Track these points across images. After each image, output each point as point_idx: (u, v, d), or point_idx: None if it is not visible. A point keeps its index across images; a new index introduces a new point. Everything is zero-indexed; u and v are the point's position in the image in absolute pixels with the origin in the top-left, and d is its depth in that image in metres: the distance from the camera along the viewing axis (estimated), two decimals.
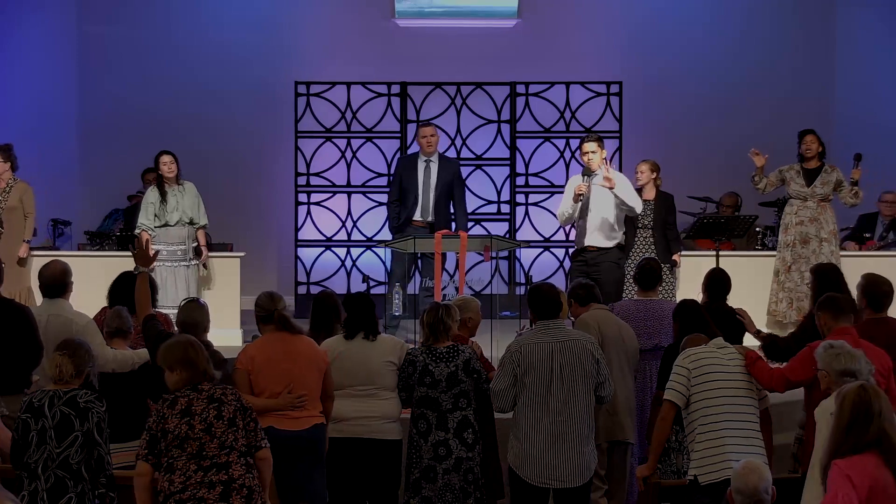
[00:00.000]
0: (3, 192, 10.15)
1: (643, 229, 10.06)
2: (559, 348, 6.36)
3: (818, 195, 10.11)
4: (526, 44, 13.45)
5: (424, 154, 10.45)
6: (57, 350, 5.77)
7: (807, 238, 10.11)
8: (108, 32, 13.38)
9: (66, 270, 7.27)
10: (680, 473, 6.70)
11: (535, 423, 6.32)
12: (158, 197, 10.22)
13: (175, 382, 5.48)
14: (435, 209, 10.35)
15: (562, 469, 6.30)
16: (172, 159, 10.26)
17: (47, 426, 5.55)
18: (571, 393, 6.33)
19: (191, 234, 10.30)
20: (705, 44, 13.49)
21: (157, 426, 5.39)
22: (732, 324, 7.33)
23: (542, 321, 6.48)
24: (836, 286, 7.29)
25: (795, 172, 10.20)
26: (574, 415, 6.32)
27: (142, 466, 5.38)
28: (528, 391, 6.33)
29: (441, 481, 6.52)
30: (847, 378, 5.53)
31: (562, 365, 6.33)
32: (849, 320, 6.42)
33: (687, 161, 13.02)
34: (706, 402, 6.17)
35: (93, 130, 13.37)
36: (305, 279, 12.78)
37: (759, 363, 6.29)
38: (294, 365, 6.41)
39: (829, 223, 10.14)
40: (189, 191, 10.34)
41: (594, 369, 6.39)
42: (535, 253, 12.75)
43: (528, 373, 6.33)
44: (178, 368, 5.47)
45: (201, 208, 10.39)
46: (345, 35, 13.44)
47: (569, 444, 6.30)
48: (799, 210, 10.16)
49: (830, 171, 10.16)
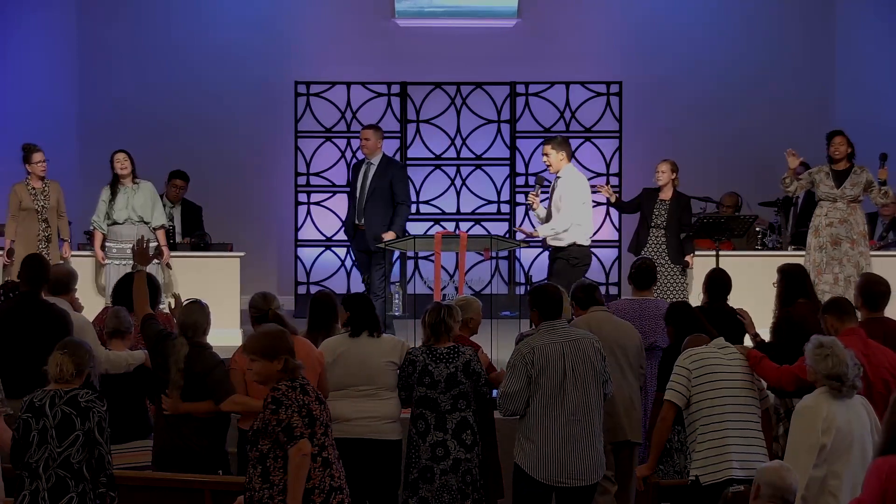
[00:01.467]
0: (43, 192, 10.15)
1: (656, 229, 10.06)
2: (569, 348, 6.38)
3: (848, 196, 10.04)
4: (526, 44, 13.45)
5: (365, 157, 10.53)
6: (57, 349, 5.76)
7: (838, 239, 10.02)
8: (108, 32, 13.38)
9: (73, 273, 7.31)
10: (683, 474, 6.70)
11: (550, 424, 6.32)
12: (110, 195, 10.19)
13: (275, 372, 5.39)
14: (365, 212, 10.35)
15: (578, 467, 6.31)
16: (126, 157, 10.22)
17: (48, 426, 5.55)
18: (584, 391, 6.34)
19: (143, 232, 9.98)
20: (705, 44, 13.49)
21: (303, 410, 5.31)
22: (733, 324, 7.33)
23: (547, 322, 6.48)
24: (801, 287, 7.32)
25: (825, 174, 10.12)
26: (588, 413, 6.34)
27: (308, 445, 5.30)
28: (542, 392, 6.32)
29: (438, 482, 6.51)
30: (832, 381, 5.55)
31: (573, 364, 6.35)
32: (854, 321, 6.45)
33: (687, 161, 12.92)
34: (708, 403, 6.18)
35: (93, 130, 13.36)
36: (305, 279, 12.79)
37: (764, 362, 6.29)
38: None
39: (859, 224, 10.07)
40: (144, 190, 10.24)
41: (602, 367, 6.43)
42: (535, 253, 12.74)
43: (543, 373, 6.32)
44: (282, 357, 5.39)
45: (157, 209, 10.27)
46: (345, 35, 13.44)
47: (584, 443, 6.32)
48: (829, 212, 10.07)
49: (860, 172, 10.09)
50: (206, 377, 6.38)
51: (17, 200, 10.05)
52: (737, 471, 6.05)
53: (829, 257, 10.00)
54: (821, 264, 10.03)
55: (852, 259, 9.85)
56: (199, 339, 6.51)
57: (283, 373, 5.37)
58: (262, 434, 5.33)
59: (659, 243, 10.04)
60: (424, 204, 12.89)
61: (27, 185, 10.14)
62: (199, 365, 6.40)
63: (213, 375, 6.40)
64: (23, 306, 7.04)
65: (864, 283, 6.97)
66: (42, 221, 10.11)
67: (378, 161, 10.43)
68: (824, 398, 5.57)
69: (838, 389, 5.55)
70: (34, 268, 7.18)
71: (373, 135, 10.51)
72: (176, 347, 6.42)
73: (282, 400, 5.29)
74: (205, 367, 6.41)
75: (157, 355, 6.53)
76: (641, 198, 10.37)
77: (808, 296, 7.36)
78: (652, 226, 10.05)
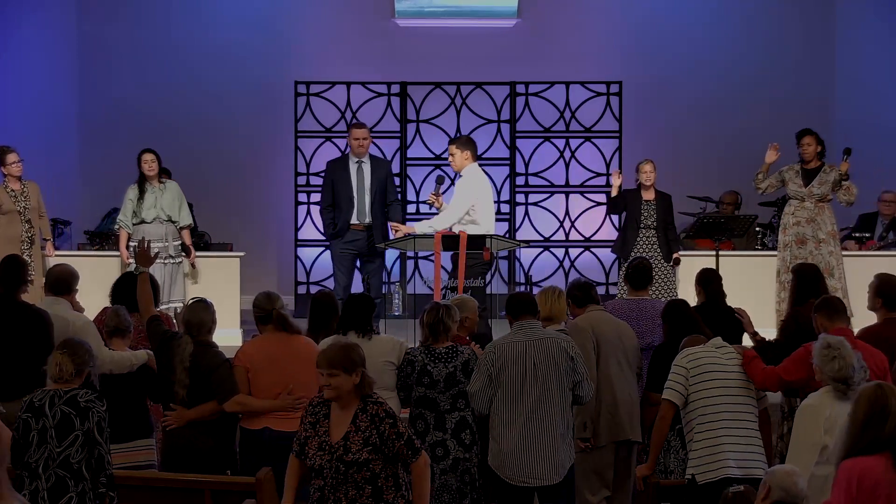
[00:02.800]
0: (22, 193, 10.15)
1: (646, 229, 10.07)
2: (533, 347, 6.41)
3: (815, 195, 10.07)
4: (526, 44, 13.45)
5: (355, 156, 10.24)
6: (57, 349, 5.77)
7: (803, 239, 10.06)
8: (108, 32, 13.38)
9: (74, 274, 7.31)
10: (668, 472, 6.71)
11: (510, 422, 6.37)
12: (137, 194, 10.23)
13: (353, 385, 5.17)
14: (371, 211, 10.28)
15: (537, 467, 6.34)
16: (154, 157, 10.27)
17: (48, 425, 5.55)
18: (545, 391, 6.36)
19: (170, 231, 10.25)
20: (705, 44, 13.49)
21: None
22: (731, 323, 7.34)
23: (517, 322, 6.54)
24: (814, 286, 7.31)
25: (794, 173, 10.17)
26: (548, 413, 6.36)
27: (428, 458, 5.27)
28: (503, 390, 6.38)
29: (438, 482, 6.52)
30: (838, 384, 5.55)
31: (536, 363, 6.37)
32: (844, 321, 6.44)
33: (687, 161, 13.03)
34: (704, 402, 6.19)
35: (93, 130, 13.37)
36: (305, 279, 12.79)
37: (754, 362, 6.30)
38: (292, 364, 6.42)
39: (828, 224, 10.09)
40: (170, 190, 10.33)
41: (569, 367, 6.41)
42: (534, 253, 12.75)
43: (502, 372, 6.38)
44: (359, 370, 5.19)
45: (184, 209, 10.36)
46: (345, 35, 13.44)
47: (543, 442, 6.34)
48: (796, 210, 10.12)
49: (829, 170, 10.12)
50: (210, 375, 6.39)
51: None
52: (733, 470, 6.06)
53: (792, 256, 10.01)
54: (787, 262, 10.06)
55: (817, 259, 9.82)
56: (204, 338, 6.51)
57: (360, 387, 5.18)
58: (377, 451, 5.11)
59: (650, 243, 10.06)
60: (424, 204, 12.89)
61: (6, 187, 10.12)
62: (203, 363, 6.40)
63: (218, 374, 6.40)
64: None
65: (880, 283, 6.90)
66: (24, 223, 10.10)
67: (368, 159, 10.32)
68: (828, 398, 5.57)
69: (843, 392, 5.55)
70: (10, 269, 7.16)
71: (369, 134, 10.48)
72: (181, 346, 6.42)
73: (394, 413, 5.18)
74: (209, 366, 6.41)
75: (163, 355, 6.53)
76: (626, 199, 10.36)
77: (820, 296, 7.34)
78: (642, 226, 10.05)
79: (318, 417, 5.24)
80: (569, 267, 12.87)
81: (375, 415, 5.13)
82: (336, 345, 5.31)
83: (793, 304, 7.44)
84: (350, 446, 5.12)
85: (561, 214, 12.94)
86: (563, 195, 12.95)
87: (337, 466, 5.13)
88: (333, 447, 5.14)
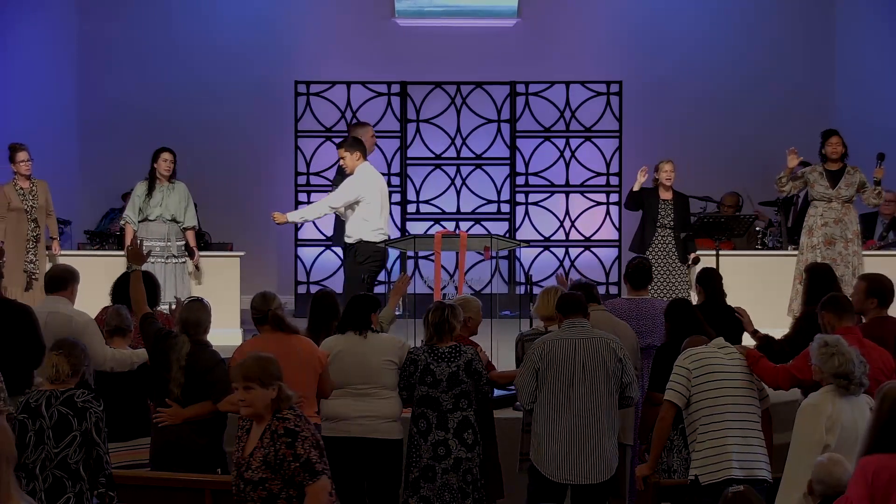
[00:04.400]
0: (31, 192, 10.15)
1: (662, 228, 10.03)
2: (583, 346, 6.43)
3: (843, 196, 10.03)
4: (526, 44, 13.45)
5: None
6: (53, 350, 5.75)
7: (832, 239, 10.01)
8: (108, 32, 13.38)
9: (74, 272, 7.30)
10: (671, 472, 6.71)
11: (556, 420, 6.38)
12: (145, 191, 10.21)
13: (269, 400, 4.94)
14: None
15: (582, 465, 6.36)
16: (173, 158, 10.24)
17: (45, 426, 5.53)
18: (593, 390, 6.38)
19: (173, 231, 10.18)
20: (705, 44, 13.49)
21: (317, 442, 4.90)
22: (731, 322, 7.33)
23: (567, 320, 6.55)
24: (829, 285, 7.31)
25: (819, 174, 10.10)
26: (595, 412, 6.38)
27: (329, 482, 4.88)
28: (550, 387, 6.40)
29: (440, 481, 6.52)
30: (839, 380, 5.54)
31: (584, 362, 6.40)
32: (852, 320, 6.43)
33: (687, 161, 12.94)
34: (707, 403, 6.18)
35: (93, 130, 13.37)
36: (305, 279, 12.78)
37: (762, 362, 6.29)
38: (288, 364, 6.39)
39: (853, 224, 10.07)
40: (178, 190, 10.28)
41: (618, 368, 6.44)
42: (535, 252, 12.75)
43: (550, 369, 6.39)
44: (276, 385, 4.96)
45: (190, 210, 10.30)
46: (345, 35, 13.44)
47: (590, 441, 6.36)
48: (824, 212, 10.05)
49: (853, 172, 10.08)
50: (206, 375, 6.38)
51: (5, 201, 10.04)
52: (736, 470, 6.05)
53: (821, 257, 9.98)
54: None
55: (846, 259, 9.84)
56: (201, 338, 6.51)
57: (276, 402, 4.93)
58: (273, 470, 4.83)
59: (667, 243, 10.02)
60: (424, 203, 12.90)
61: (15, 185, 10.12)
62: (200, 363, 6.40)
63: (214, 374, 6.39)
64: None
65: (870, 282, 6.90)
66: (31, 221, 10.10)
67: None
68: (830, 396, 5.55)
69: (845, 388, 5.54)
70: None
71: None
72: (178, 345, 6.41)
73: (296, 431, 4.84)
74: (205, 366, 6.40)
75: (158, 353, 6.52)
76: (644, 197, 10.33)
77: None
78: (659, 226, 10.03)
79: (242, 432, 5.06)
80: (569, 267, 12.87)
81: (275, 432, 4.86)
82: (252, 357, 5.08)
83: (806, 302, 7.44)
84: (251, 463, 4.90)
85: (561, 214, 12.94)
86: (564, 195, 12.95)
87: (238, 484, 4.95)
88: (239, 464, 4.96)
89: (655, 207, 10.13)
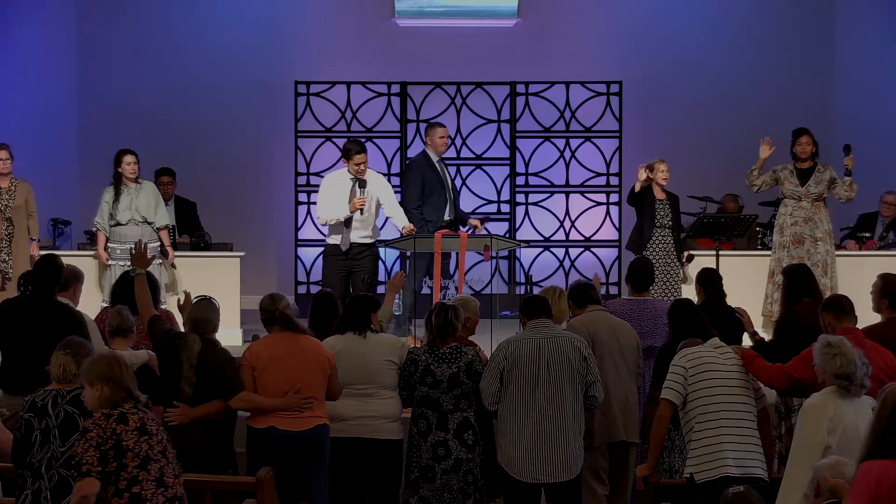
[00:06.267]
0: (8, 191, 10.14)
1: (661, 228, 10.03)
2: (546, 345, 6.44)
3: (812, 195, 10.09)
4: (526, 44, 13.44)
5: (438, 154, 10.27)
6: (59, 349, 5.76)
7: (801, 238, 10.06)
8: (108, 33, 13.37)
9: (77, 272, 7.31)
10: (673, 472, 6.72)
11: (521, 420, 6.42)
12: (113, 196, 10.14)
13: (97, 399, 5.22)
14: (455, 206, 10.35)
15: (549, 464, 6.38)
16: (135, 158, 10.16)
17: (51, 425, 5.54)
18: (557, 389, 6.41)
19: (146, 233, 10.03)
20: (705, 43, 13.48)
21: (108, 442, 5.11)
22: (732, 323, 7.34)
23: (531, 321, 6.58)
24: (806, 287, 7.32)
25: (789, 172, 10.18)
26: (560, 411, 6.41)
27: (91, 486, 5.07)
28: (515, 388, 6.43)
29: (439, 481, 6.53)
30: (841, 381, 5.54)
31: (549, 362, 6.42)
32: (852, 321, 6.44)
33: (687, 161, 13.00)
34: (703, 402, 6.19)
35: (93, 130, 13.35)
36: (305, 279, 12.79)
37: (757, 361, 6.30)
38: (299, 364, 6.41)
39: (824, 223, 10.11)
40: (146, 190, 10.16)
41: (583, 368, 6.44)
42: (535, 253, 12.75)
43: (514, 369, 6.43)
44: (99, 384, 5.22)
45: (161, 209, 10.19)
46: (345, 35, 13.43)
47: (555, 440, 6.39)
48: (794, 210, 10.13)
49: (823, 169, 10.15)
50: (217, 373, 6.38)
51: None
52: (732, 469, 6.07)
53: (789, 256, 10.00)
54: (782, 263, 10.02)
55: (813, 258, 9.84)
56: (210, 336, 6.51)
57: (105, 400, 5.17)
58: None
59: (666, 243, 10.03)
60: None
61: None
62: (210, 361, 6.40)
63: (224, 371, 6.40)
64: (35, 305, 7.08)
65: (885, 283, 6.89)
66: (5, 220, 10.08)
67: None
68: (832, 397, 5.55)
69: (847, 389, 5.54)
70: (45, 269, 7.23)
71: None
72: (188, 344, 6.41)
73: (87, 430, 5.12)
74: (216, 364, 6.41)
75: (168, 354, 6.52)
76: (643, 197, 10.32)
77: (814, 295, 7.35)
78: (657, 226, 10.03)
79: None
80: (569, 267, 12.88)
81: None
82: (90, 358, 5.36)
83: (785, 303, 7.44)
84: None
85: (561, 214, 12.95)
86: (564, 195, 12.96)
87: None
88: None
89: (653, 207, 10.14)
